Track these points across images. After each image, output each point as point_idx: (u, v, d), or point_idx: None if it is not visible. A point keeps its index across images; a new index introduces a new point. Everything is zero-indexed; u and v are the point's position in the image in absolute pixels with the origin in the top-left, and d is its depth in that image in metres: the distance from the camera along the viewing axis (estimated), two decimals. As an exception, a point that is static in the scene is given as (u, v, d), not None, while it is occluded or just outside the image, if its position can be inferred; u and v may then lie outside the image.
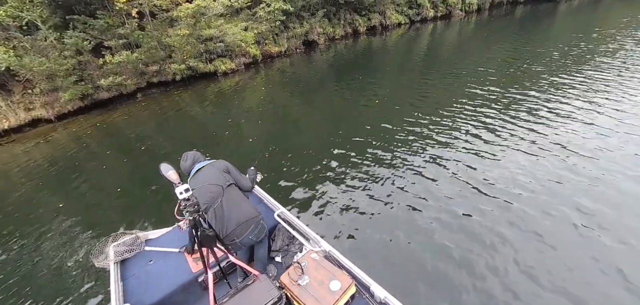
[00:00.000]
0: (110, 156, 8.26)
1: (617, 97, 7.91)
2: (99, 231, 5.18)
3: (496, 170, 5.56)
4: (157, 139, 8.75)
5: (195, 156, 2.88)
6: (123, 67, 13.14)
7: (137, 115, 11.13)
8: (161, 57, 14.17)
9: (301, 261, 2.73)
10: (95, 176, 7.29)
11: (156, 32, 14.25)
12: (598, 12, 23.46)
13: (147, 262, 3.16)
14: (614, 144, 5.92)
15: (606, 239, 3.96)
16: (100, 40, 13.22)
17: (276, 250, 3.38)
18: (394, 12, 23.16)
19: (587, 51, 12.50)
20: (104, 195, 6.42)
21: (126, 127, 10.08)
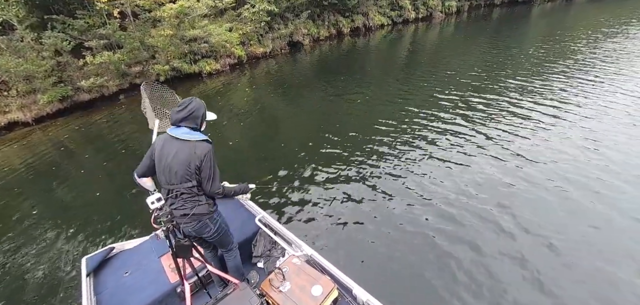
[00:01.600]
0: (89, 160, 7.89)
1: (589, 97, 8.10)
2: (74, 240, 4.88)
3: (478, 172, 5.56)
4: (139, 141, 8.41)
5: (192, 109, 2.21)
6: (105, 68, 12.66)
7: (119, 117, 10.72)
8: (144, 57, 13.72)
9: (282, 267, 2.61)
10: (73, 181, 6.93)
11: (138, 32, 13.79)
12: (570, 15, 24.13)
13: (122, 274, 2.96)
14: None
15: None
16: (80, 40, 12.68)
17: (258, 256, 3.24)
18: (376, 13, 23.19)
19: (558, 52, 12.78)
20: (81, 200, 6.10)
21: (107, 130, 9.68)
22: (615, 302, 3.20)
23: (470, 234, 4.16)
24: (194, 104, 2.24)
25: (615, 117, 6.88)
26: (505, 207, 4.57)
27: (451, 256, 3.85)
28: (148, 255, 3.14)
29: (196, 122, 2.25)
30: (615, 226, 4.09)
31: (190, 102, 2.24)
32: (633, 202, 4.46)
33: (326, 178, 5.71)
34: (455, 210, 4.59)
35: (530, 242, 3.95)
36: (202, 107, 2.29)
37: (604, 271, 3.51)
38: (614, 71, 9.78)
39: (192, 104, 2.24)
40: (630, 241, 3.85)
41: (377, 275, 3.72)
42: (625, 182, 4.86)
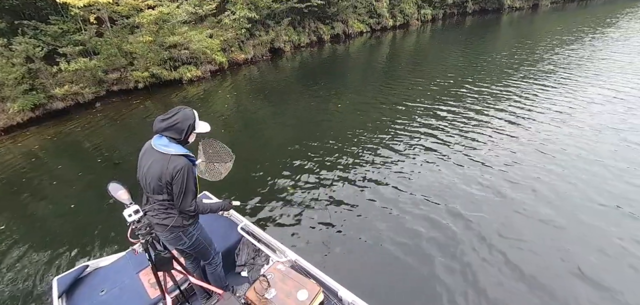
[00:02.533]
0: (63, 170, 7.44)
1: (546, 103, 8.45)
2: (45, 258, 4.54)
3: (459, 173, 5.66)
4: (116, 150, 8.07)
5: (176, 120, 2.08)
6: (80, 75, 12.11)
7: (95, 126, 10.23)
8: (122, 64, 13.24)
9: (267, 274, 2.57)
10: (45, 193, 6.50)
11: (116, 38, 13.31)
12: (534, 23, 25.29)
13: (98, 294, 2.77)
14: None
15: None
16: (54, 46, 12.10)
17: (241, 265, 3.14)
18: (355, 21, 23.44)
19: (522, 60, 13.33)
20: (54, 214, 5.71)
21: (83, 139, 9.21)
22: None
23: (450, 235, 4.22)
24: (178, 115, 2.10)
25: (569, 122, 7.18)
26: (477, 209, 4.67)
27: (433, 256, 3.89)
28: (125, 272, 2.95)
29: (179, 134, 2.10)
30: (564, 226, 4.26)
31: (176, 112, 2.12)
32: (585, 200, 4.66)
33: (308, 182, 5.66)
34: (435, 212, 4.65)
35: (503, 244, 4.03)
36: (188, 118, 2.13)
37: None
38: (568, 76, 10.28)
39: (177, 114, 2.10)
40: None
41: (362, 276, 3.71)
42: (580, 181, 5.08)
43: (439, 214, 4.58)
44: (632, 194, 4.68)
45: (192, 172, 2.12)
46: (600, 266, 3.58)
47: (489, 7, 32.69)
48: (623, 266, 3.58)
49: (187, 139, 2.19)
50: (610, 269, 3.55)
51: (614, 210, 4.42)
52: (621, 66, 10.81)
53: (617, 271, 3.52)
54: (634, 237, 3.93)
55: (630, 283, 3.38)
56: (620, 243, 3.87)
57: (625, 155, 5.66)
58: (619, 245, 3.85)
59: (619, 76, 9.83)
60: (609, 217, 4.31)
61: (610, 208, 4.46)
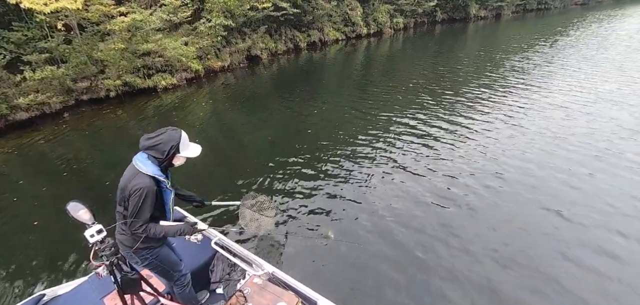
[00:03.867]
0: (25, 185, 6.85)
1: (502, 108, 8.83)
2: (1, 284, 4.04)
3: (434, 177, 5.74)
4: (85, 163, 7.58)
5: (158, 141, 2.04)
6: (46, 83, 11.39)
7: (62, 137, 9.60)
8: (92, 72, 12.57)
9: (243, 289, 2.48)
10: (5, 210, 5.90)
11: (86, 46, 12.66)
12: (498, 32, 26.53)
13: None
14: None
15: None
16: (17, 54, 11.34)
17: (216, 282, 2.98)
18: (331, 29, 23.62)
19: (484, 67, 13.90)
20: (11, 235, 5.17)
21: (49, 151, 8.59)
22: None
23: (428, 240, 4.25)
24: (163, 136, 2.07)
25: (525, 127, 7.50)
26: (450, 217, 4.75)
27: (410, 263, 3.90)
28: (88, 298, 2.70)
29: (161, 154, 2.05)
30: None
31: (162, 132, 2.09)
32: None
33: (284, 191, 5.56)
34: (411, 219, 4.68)
35: (481, 250, 4.11)
36: (172, 140, 2.08)
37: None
38: (523, 83, 10.78)
39: (162, 135, 2.07)
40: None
41: (340, 285, 3.64)
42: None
43: (414, 222, 4.61)
44: (553, 187, 4.97)
45: (151, 197, 2.03)
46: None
47: (456, 16, 33.93)
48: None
49: (171, 161, 2.13)
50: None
51: (543, 203, 4.70)
52: (570, 73, 11.53)
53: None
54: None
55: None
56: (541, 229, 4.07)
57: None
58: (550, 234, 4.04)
59: (566, 82, 10.46)
60: (538, 213, 4.57)
61: (544, 200, 4.71)
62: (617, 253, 3.77)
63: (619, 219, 4.33)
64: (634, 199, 4.69)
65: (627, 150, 5.96)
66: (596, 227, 4.21)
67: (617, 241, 3.96)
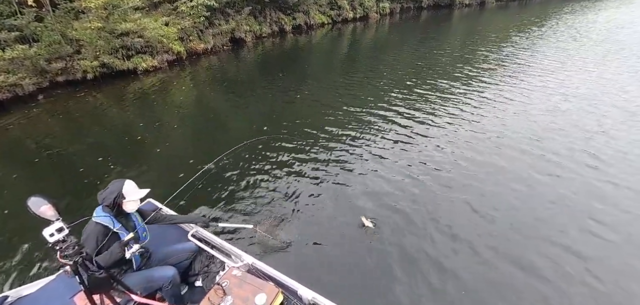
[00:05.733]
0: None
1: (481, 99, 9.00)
2: None
3: (416, 161, 5.81)
4: (59, 149, 7.25)
5: (104, 196, 2.38)
6: (18, 63, 10.76)
7: (36, 121, 9.14)
8: (67, 52, 11.94)
9: (222, 281, 2.42)
10: None
11: (59, 24, 11.97)
12: (482, 18, 26.71)
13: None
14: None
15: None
16: (-16, 32, 10.64)
17: (195, 274, 2.93)
18: (317, 12, 23.18)
19: (467, 57, 14.03)
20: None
21: (21, 135, 8.19)
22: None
23: (416, 227, 4.31)
24: (107, 190, 2.38)
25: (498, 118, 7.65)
26: (434, 200, 4.85)
27: (389, 250, 3.95)
28: (58, 297, 2.55)
29: (110, 205, 2.36)
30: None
31: (109, 186, 2.40)
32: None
33: (264, 179, 5.50)
34: (390, 207, 4.72)
35: (454, 239, 4.23)
36: (114, 192, 2.35)
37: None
38: (501, 74, 10.82)
39: (106, 189, 2.38)
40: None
41: (320, 274, 3.67)
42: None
43: (396, 210, 4.65)
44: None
45: (94, 235, 2.26)
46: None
47: (441, 3, 33.92)
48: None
49: (121, 207, 2.40)
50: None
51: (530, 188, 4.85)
52: (549, 64, 11.79)
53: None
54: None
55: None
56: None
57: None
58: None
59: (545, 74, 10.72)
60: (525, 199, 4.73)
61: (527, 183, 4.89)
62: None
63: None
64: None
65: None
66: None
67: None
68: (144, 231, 2.61)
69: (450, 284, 3.48)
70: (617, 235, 4.02)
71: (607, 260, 3.69)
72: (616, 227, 4.14)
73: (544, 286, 3.42)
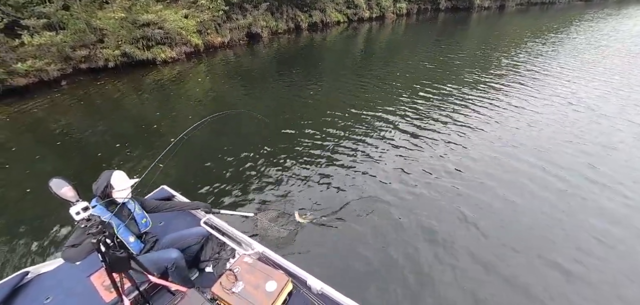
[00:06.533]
0: (17, 153, 6.73)
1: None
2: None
3: (423, 162, 5.79)
4: (80, 134, 7.48)
5: (96, 184, 2.48)
6: (45, 49, 11.17)
7: (59, 105, 9.46)
8: (91, 40, 12.33)
9: (234, 267, 2.49)
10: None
11: (84, 13, 12.35)
12: (500, 22, 26.11)
13: (42, 302, 2.45)
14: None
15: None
16: (15, 17, 11.07)
17: (206, 260, 3.02)
18: (333, 10, 23.15)
19: (484, 61, 13.74)
20: (2, 202, 5.09)
21: (45, 119, 8.48)
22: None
23: (419, 223, 4.32)
24: (97, 182, 2.47)
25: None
26: (447, 199, 4.82)
27: (397, 244, 3.97)
28: (74, 276, 2.63)
29: (101, 195, 2.45)
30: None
31: (98, 179, 2.49)
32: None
33: (276, 171, 5.57)
34: (400, 203, 4.74)
35: (466, 235, 4.21)
36: (102, 183, 2.45)
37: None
38: (512, 81, 10.54)
39: (98, 179, 2.48)
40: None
41: (329, 265, 3.71)
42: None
43: (404, 206, 4.67)
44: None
45: (77, 230, 2.23)
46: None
47: (460, 5, 33.35)
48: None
49: (111, 196, 2.47)
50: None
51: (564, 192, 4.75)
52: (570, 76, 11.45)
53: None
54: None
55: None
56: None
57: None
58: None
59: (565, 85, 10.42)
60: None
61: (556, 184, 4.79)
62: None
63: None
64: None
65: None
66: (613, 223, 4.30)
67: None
68: (143, 218, 2.67)
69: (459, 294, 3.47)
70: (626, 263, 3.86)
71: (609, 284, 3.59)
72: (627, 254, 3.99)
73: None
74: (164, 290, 2.57)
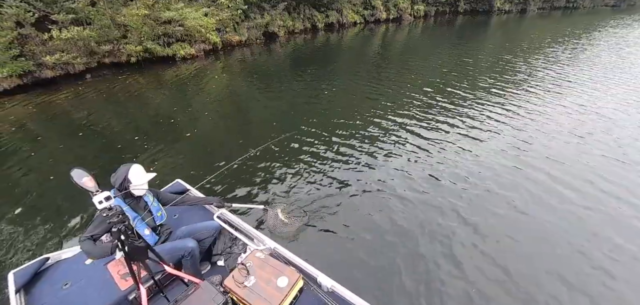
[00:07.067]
0: (44, 141, 6.99)
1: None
2: (6, 244, 4.06)
3: (437, 164, 5.71)
4: (102, 124, 7.72)
5: (113, 178, 2.50)
6: (72, 44, 11.60)
7: (83, 98, 9.79)
8: (115, 36, 12.73)
9: (246, 262, 2.52)
10: (22, 164, 6.04)
11: (109, 9, 12.75)
12: (521, 27, 25.39)
13: (60, 287, 2.52)
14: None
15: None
16: (46, 13, 11.53)
17: (218, 254, 3.06)
18: (350, 11, 23.10)
19: (504, 68, 13.39)
20: (26, 189, 5.24)
21: (69, 110, 8.79)
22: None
23: (430, 223, 4.26)
24: (115, 175, 2.50)
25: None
26: (459, 201, 4.74)
27: (411, 244, 3.93)
28: (91, 264, 2.69)
29: (119, 188, 2.48)
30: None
31: (115, 172, 2.52)
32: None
33: (289, 170, 5.59)
34: (412, 205, 4.68)
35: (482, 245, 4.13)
36: (119, 176, 2.47)
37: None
38: (527, 89, 10.18)
39: (114, 175, 2.50)
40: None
41: (341, 263, 3.70)
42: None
43: (416, 207, 4.61)
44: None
45: (97, 219, 2.29)
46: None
47: (479, 8, 32.68)
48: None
49: (128, 190, 2.50)
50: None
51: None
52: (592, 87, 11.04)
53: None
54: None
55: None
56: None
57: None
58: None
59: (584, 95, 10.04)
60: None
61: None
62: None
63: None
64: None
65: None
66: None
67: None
68: (158, 211, 2.71)
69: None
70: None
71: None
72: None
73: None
74: (177, 281, 2.63)
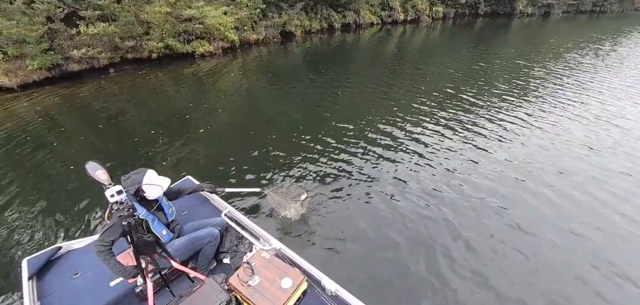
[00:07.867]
0: (67, 132, 7.26)
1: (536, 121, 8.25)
2: (23, 230, 4.15)
3: (451, 168, 5.60)
4: (122, 118, 7.95)
5: (127, 185, 2.44)
6: (97, 39, 12.02)
7: (106, 91, 10.13)
8: (138, 32, 13.10)
9: (251, 261, 2.50)
10: (46, 153, 6.27)
11: (134, 6, 13.12)
12: (543, 31, 24.45)
13: (71, 276, 2.59)
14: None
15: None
16: (74, 9, 11.98)
17: (224, 252, 3.09)
18: (367, 11, 22.91)
19: (523, 75, 12.94)
20: (43, 178, 5.42)
21: (92, 103, 9.10)
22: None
23: (439, 227, 4.20)
24: (127, 180, 2.44)
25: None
26: (464, 210, 4.64)
27: (413, 249, 3.87)
28: None
29: (133, 194, 2.45)
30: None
31: (127, 178, 2.46)
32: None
33: (298, 170, 5.58)
34: (419, 209, 4.60)
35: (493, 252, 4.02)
36: (135, 183, 2.43)
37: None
38: (544, 96, 9.69)
39: (127, 180, 2.45)
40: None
41: (344, 267, 3.68)
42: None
43: (424, 211, 4.53)
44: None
45: (112, 224, 2.25)
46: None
47: (500, 11, 31.74)
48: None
49: (143, 196, 2.49)
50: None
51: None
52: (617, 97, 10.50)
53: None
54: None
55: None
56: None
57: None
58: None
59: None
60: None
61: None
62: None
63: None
64: None
65: None
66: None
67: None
68: (169, 208, 2.76)
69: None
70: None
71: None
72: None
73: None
74: (183, 277, 2.66)
